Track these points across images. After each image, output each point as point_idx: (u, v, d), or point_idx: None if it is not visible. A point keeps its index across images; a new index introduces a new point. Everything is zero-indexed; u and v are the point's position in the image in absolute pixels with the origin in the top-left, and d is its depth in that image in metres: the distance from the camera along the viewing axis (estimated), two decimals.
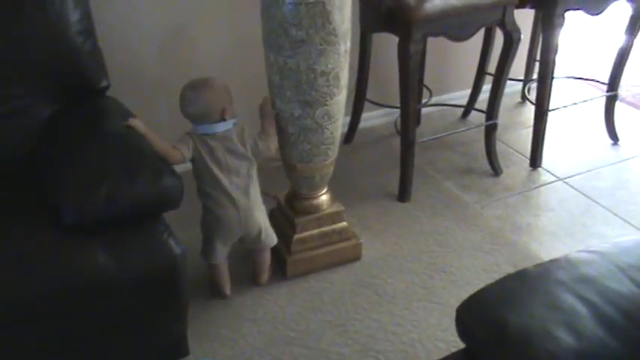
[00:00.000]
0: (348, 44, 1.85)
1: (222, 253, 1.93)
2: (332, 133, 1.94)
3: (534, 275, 1.21)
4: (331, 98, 1.87)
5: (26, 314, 1.41)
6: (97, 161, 1.55)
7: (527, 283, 1.19)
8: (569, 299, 1.13)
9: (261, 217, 1.92)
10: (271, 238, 1.98)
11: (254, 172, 1.88)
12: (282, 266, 2.08)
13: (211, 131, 1.80)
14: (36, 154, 1.73)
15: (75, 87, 1.82)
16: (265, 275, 2.05)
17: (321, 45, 1.77)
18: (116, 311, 1.51)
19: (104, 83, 1.87)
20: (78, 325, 1.49)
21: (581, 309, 1.11)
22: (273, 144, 1.90)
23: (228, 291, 2.00)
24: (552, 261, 1.25)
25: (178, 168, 1.69)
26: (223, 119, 1.80)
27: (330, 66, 1.81)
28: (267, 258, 2.03)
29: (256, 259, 2.03)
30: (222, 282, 1.98)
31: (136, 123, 1.68)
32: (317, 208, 2.08)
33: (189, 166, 1.84)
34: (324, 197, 2.09)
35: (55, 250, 1.46)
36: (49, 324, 1.45)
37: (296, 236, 2.06)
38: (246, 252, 2.03)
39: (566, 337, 1.06)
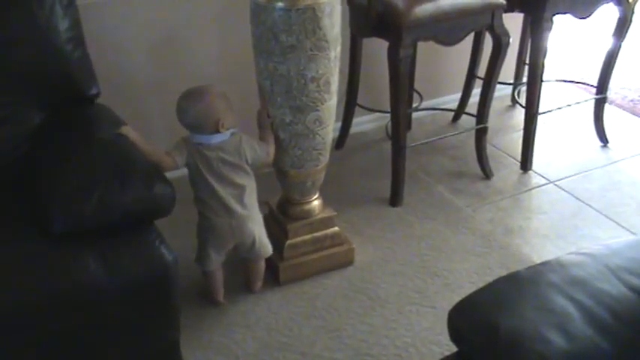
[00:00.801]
0: (338, 50, 1.86)
1: (216, 261, 1.92)
2: (323, 138, 1.94)
3: (526, 278, 1.22)
4: (322, 104, 1.87)
5: (16, 323, 1.40)
6: (87, 169, 1.55)
7: (518, 286, 1.19)
8: (560, 301, 1.13)
9: (256, 227, 1.91)
10: (266, 248, 1.98)
11: (251, 183, 1.87)
12: (274, 272, 2.08)
13: (205, 142, 1.78)
14: (25, 162, 1.72)
15: (64, 95, 1.82)
16: (259, 283, 2.05)
17: (312, 51, 1.77)
18: (107, 319, 1.51)
19: (94, 91, 1.87)
20: (68, 333, 1.48)
21: (572, 311, 1.11)
22: (272, 150, 1.90)
23: (221, 298, 2.00)
24: (544, 263, 1.26)
25: (173, 175, 1.68)
26: (218, 131, 1.78)
27: (320, 71, 1.81)
28: (261, 267, 2.02)
29: (250, 268, 2.02)
30: (216, 289, 1.98)
31: (127, 131, 1.68)
32: (309, 214, 2.08)
33: (183, 173, 1.84)
34: (315, 203, 2.10)
35: (46, 258, 1.45)
36: (39, 332, 1.44)
37: (288, 242, 2.06)
38: (239, 260, 2.02)
39: (557, 339, 1.06)
